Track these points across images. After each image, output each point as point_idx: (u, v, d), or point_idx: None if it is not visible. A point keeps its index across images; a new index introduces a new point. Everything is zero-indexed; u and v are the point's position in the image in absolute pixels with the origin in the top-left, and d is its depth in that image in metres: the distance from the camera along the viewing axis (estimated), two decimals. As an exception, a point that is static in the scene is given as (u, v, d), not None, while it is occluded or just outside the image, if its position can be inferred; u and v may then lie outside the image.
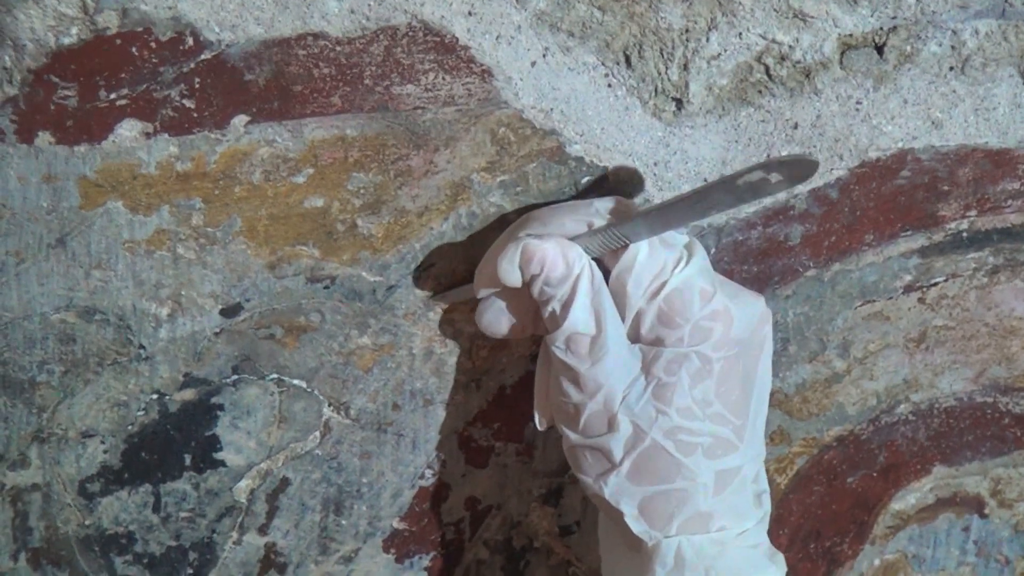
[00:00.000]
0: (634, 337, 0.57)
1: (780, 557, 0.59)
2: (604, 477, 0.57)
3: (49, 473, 0.64)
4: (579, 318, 0.55)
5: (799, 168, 0.46)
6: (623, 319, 0.56)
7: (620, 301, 0.56)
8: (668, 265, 0.55)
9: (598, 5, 0.59)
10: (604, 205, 0.57)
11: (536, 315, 0.59)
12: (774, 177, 0.47)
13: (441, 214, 0.63)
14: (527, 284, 0.56)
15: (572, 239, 0.56)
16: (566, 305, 0.55)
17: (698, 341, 0.55)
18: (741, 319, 0.56)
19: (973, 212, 0.68)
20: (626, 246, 0.55)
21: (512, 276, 0.56)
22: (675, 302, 0.55)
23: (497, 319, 0.60)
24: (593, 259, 0.56)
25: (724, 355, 0.56)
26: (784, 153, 0.64)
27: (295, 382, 0.64)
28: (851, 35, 0.62)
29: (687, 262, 0.55)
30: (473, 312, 0.62)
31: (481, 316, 0.60)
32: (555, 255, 0.55)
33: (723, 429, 0.56)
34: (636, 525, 0.57)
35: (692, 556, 0.56)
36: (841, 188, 0.65)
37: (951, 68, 0.63)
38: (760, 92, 0.62)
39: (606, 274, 0.56)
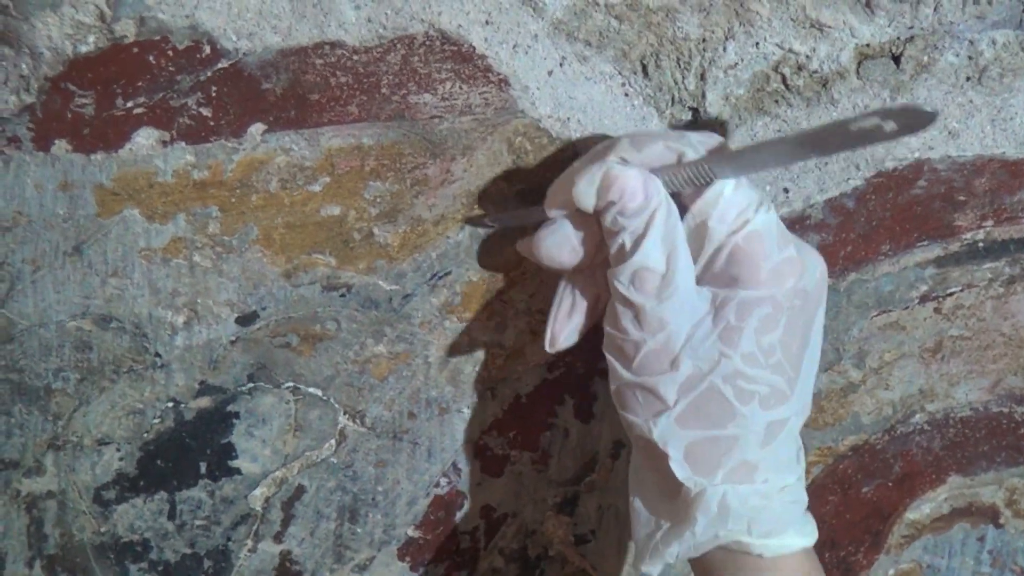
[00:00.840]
0: (703, 277, 0.55)
1: (810, 515, 0.58)
2: (655, 418, 0.55)
3: (64, 480, 0.64)
4: (650, 253, 0.53)
5: (916, 118, 0.45)
6: (699, 255, 0.55)
7: (696, 238, 0.55)
8: (752, 204, 0.54)
9: (615, 14, 0.59)
10: (698, 138, 0.55)
11: (598, 248, 0.58)
12: (889, 125, 0.45)
13: (457, 223, 0.63)
14: (598, 212, 0.55)
15: (659, 169, 0.54)
16: (639, 239, 0.53)
17: (773, 284, 0.54)
18: (809, 270, 0.55)
19: (989, 222, 0.67)
20: (710, 183, 0.53)
21: (588, 199, 0.54)
22: (755, 242, 0.54)
23: (559, 246, 0.57)
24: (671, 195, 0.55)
25: (794, 304, 0.55)
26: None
27: (311, 390, 0.64)
28: (868, 45, 0.61)
29: (768, 207, 0.54)
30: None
31: (542, 241, 0.58)
32: (636, 185, 0.53)
33: (780, 379, 0.55)
34: (680, 470, 0.55)
35: (737, 506, 0.55)
36: (857, 198, 0.65)
37: (968, 78, 0.63)
38: (777, 102, 0.62)
39: (682, 211, 0.55)
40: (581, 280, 0.59)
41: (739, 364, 0.54)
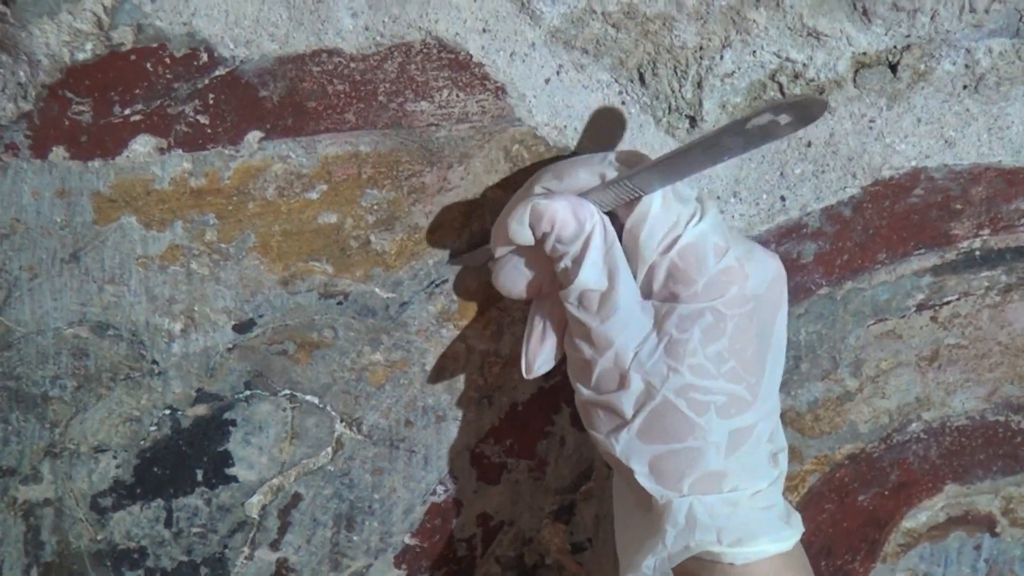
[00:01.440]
0: (647, 293, 0.56)
1: (796, 517, 0.58)
2: (615, 434, 0.56)
3: (61, 488, 0.64)
4: (590, 275, 0.54)
5: (807, 108, 0.45)
6: (635, 273, 0.55)
7: (633, 255, 0.55)
8: (682, 219, 0.54)
9: (612, 23, 0.59)
10: (617, 157, 0.55)
11: (554, 272, 0.58)
12: (783, 119, 0.46)
13: (454, 231, 0.63)
14: (540, 241, 0.55)
15: (585, 193, 0.55)
16: (577, 261, 0.54)
17: (712, 296, 0.54)
18: (756, 275, 0.55)
19: (986, 231, 0.68)
20: (640, 198, 0.54)
21: (523, 235, 0.55)
22: (689, 257, 0.54)
23: (513, 278, 0.59)
24: (607, 213, 0.55)
25: (738, 311, 0.55)
26: (796, 164, 0.64)
27: (307, 398, 0.64)
28: (865, 54, 0.62)
29: (701, 217, 0.54)
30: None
31: (497, 275, 0.59)
32: (565, 213, 0.54)
33: (737, 387, 0.55)
34: (647, 483, 0.56)
35: (704, 516, 0.55)
36: (854, 206, 0.65)
37: (965, 87, 0.63)
38: (774, 110, 0.62)
39: (620, 229, 0.55)
40: (549, 304, 0.59)
41: (688, 376, 0.54)
